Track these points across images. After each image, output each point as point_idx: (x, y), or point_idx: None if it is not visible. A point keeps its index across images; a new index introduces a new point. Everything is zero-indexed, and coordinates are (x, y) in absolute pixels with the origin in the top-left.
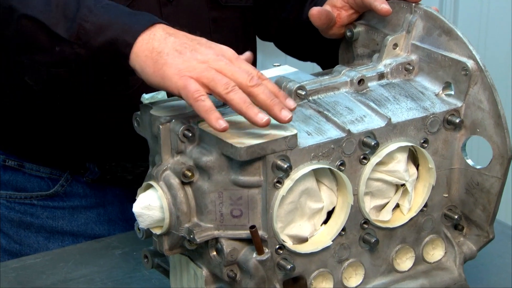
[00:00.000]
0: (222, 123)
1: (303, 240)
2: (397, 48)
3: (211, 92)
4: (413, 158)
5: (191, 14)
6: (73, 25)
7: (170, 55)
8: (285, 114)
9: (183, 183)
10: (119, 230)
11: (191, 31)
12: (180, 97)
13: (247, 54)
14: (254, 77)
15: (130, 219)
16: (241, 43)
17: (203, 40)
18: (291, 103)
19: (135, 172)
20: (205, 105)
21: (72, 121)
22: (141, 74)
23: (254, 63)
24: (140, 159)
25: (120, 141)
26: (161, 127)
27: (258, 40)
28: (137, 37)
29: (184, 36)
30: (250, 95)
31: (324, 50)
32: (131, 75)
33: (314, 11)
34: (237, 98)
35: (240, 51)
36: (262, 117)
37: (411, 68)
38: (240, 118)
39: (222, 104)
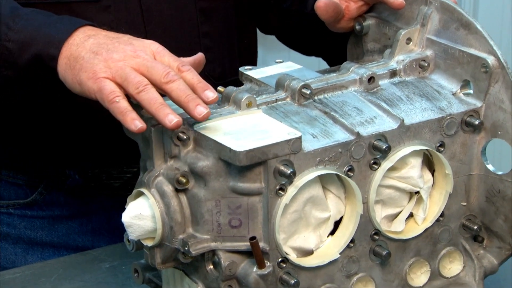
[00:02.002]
0: (138, 124)
1: (308, 252)
2: (411, 43)
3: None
4: (428, 163)
5: (175, 4)
6: None
7: (86, 58)
8: (200, 111)
9: (177, 191)
10: (104, 241)
11: (175, 23)
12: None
13: (198, 55)
14: (170, 73)
15: (117, 230)
16: (236, 36)
17: (126, 37)
18: (209, 94)
19: (122, 178)
20: (120, 106)
21: (50, 123)
22: (65, 84)
23: (254, 58)
24: (126, 165)
25: (104, 145)
26: (153, 129)
27: (260, 34)
28: (61, 47)
29: (105, 35)
30: (165, 92)
31: (331, 44)
32: (66, 92)
33: (321, 3)
34: (147, 98)
35: (235, 44)
36: (171, 118)
37: (426, 64)
38: (238, 120)
39: (218, 104)
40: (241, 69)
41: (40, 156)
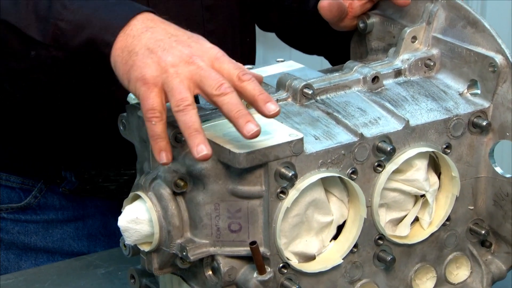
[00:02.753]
0: (163, 157)
1: (310, 257)
2: (416, 41)
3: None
4: (434, 165)
5: (181, 2)
6: (47, 26)
7: (140, 54)
8: (249, 129)
9: (174, 194)
10: (100, 246)
11: (181, 20)
12: None
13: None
14: (223, 85)
15: (113, 235)
16: (238, 34)
17: (185, 36)
18: (271, 107)
19: (119, 181)
20: (154, 129)
21: (48, 123)
22: (117, 75)
23: (253, 56)
24: (124, 167)
25: (101, 146)
26: None
27: (259, 31)
28: (117, 34)
29: (164, 30)
30: (216, 105)
31: (334, 43)
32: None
33: (324, 3)
34: (184, 120)
35: (238, 43)
36: (201, 149)
37: (431, 64)
38: None
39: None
40: None
41: (37, 156)
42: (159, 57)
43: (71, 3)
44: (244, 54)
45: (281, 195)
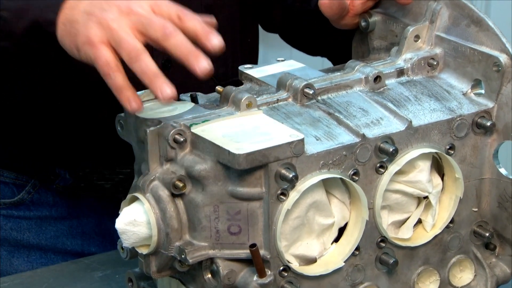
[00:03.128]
0: (132, 104)
1: (311, 260)
2: (419, 40)
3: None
4: (438, 166)
5: (180, 1)
6: None
7: (80, 21)
8: (202, 66)
9: (173, 195)
10: (94, 245)
11: None
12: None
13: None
14: (167, 28)
15: (107, 234)
16: (239, 34)
17: None
18: (214, 41)
19: (114, 179)
20: (115, 83)
21: (43, 118)
22: (67, 51)
23: (256, 58)
24: (119, 165)
25: (96, 143)
26: (148, 131)
27: (260, 31)
28: (58, 10)
29: None
30: (166, 51)
31: (336, 42)
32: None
33: (325, 0)
34: (139, 68)
35: (238, 43)
36: (164, 89)
37: (435, 63)
38: (238, 121)
39: (217, 104)
40: (240, 67)
41: (30, 153)
42: (99, 17)
43: None
44: (245, 54)
45: (281, 197)
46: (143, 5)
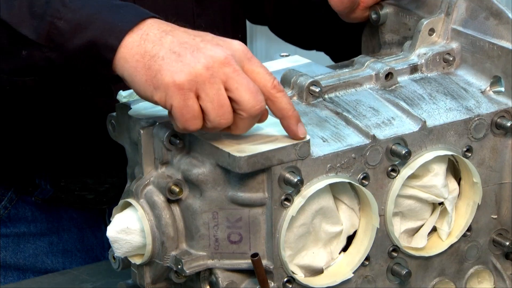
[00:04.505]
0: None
1: (317, 271)
2: (434, 34)
3: None
4: (454, 170)
5: None
6: (43, 24)
7: (166, 58)
8: (302, 130)
9: (169, 201)
10: (76, 263)
11: (170, 14)
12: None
13: None
14: (260, 103)
15: (91, 250)
16: (230, 29)
17: (209, 36)
18: (302, 130)
19: (98, 190)
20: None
21: (17, 123)
22: (131, 84)
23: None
24: (104, 173)
25: (79, 149)
26: (142, 131)
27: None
28: (123, 38)
29: (184, 33)
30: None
31: (336, 35)
32: (115, 83)
33: None
34: (240, 125)
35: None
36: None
37: (451, 59)
38: None
39: None
40: None
41: (7, 161)
42: (190, 60)
43: (71, 0)
44: None
45: (285, 202)
46: (237, 56)
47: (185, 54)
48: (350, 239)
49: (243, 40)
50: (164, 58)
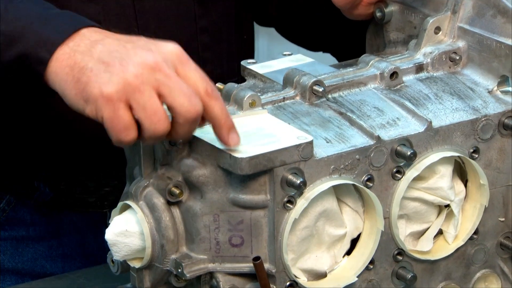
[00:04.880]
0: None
1: (320, 275)
2: (440, 32)
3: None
4: (460, 172)
5: None
6: None
7: (95, 70)
8: (234, 140)
9: (169, 203)
10: (76, 268)
11: (170, 16)
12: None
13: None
14: (194, 107)
15: (91, 255)
16: (234, 31)
17: (142, 41)
18: (235, 139)
19: (99, 193)
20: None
21: (17, 122)
22: (63, 97)
23: (251, 56)
24: (105, 176)
25: (80, 150)
26: None
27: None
28: (54, 51)
29: (116, 39)
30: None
31: (343, 36)
32: (51, 96)
33: None
34: (179, 131)
35: (234, 41)
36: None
37: (457, 58)
38: (240, 122)
39: None
40: (243, 63)
41: (5, 163)
42: (119, 69)
43: (7, 11)
44: (241, 53)
45: (288, 205)
46: (169, 60)
47: (114, 63)
48: (354, 242)
49: (250, 42)
50: (92, 70)
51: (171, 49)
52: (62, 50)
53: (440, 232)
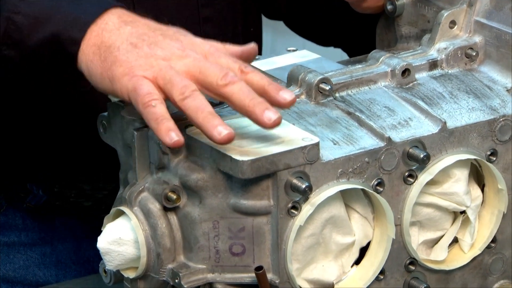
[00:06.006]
0: (173, 136)
1: (327, 286)
2: (456, 27)
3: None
4: (477, 176)
5: None
6: None
7: (122, 49)
8: (269, 116)
9: (165, 209)
10: (71, 276)
11: (172, 5)
12: (131, 103)
13: (251, 46)
14: (228, 74)
15: (87, 262)
16: (241, 22)
17: (171, 30)
18: (286, 95)
19: (96, 196)
20: (155, 112)
21: (7, 121)
22: (89, 77)
23: (260, 47)
24: (103, 178)
25: (75, 152)
26: (136, 133)
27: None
28: (87, 29)
29: (145, 25)
30: (223, 98)
31: (354, 30)
32: (83, 78)
33: None
34: (194, 106)
35: (240, 33)
36: (221, 130)
37: (474, 54)
38: (243, 122)
39: (219, 102)
40: None
41: None
42: (147, 52)
43: None
44: None
45: (292, 211)
46: (198, 51)
47: (142, 46)
48: (363, 251)
49: (257, 35)
50: (120, 49)
51: (200, 42)
52: (92, 30)
53: (455, 241)
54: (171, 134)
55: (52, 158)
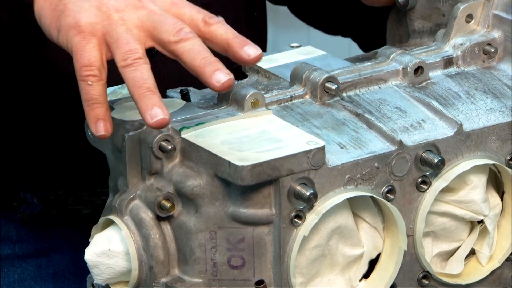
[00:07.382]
0: (100, 127)
1: None
2: (473, 21)
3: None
4: (496, 182)
5: None
6: None
7: None
8: (218, 78)
9: (158, 219)
10: None
11: None
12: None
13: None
14: (183, 29)
15: (87, 273)
16: (243, 7)
17: None
18: (250, 51)
19: (95, 203)
20: (88, 92)
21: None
22: (42, 27)
23: (263, 38)
24: (102, 184)
25: (71, 157)
26: (126, 136)
27: (269, 6)
28: None
29: None
30: (174, 55)
31: (364, 18)
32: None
33: None
34: (132, 77)
35: (242, 20)
36: (156, 113)
37: (492, 50)
38: (241, 124)
39: (214, 103)
40: None
41: None
42: (99, 1)
43: None
44: (251, 33)
45: (296, 220)
46: (158, 2)
47: None
48: (372, 263)
49: (262, 21)
50: None
51: None
52: None
53: (472, 252)
54: (99, 124)
55: (46, 163)
